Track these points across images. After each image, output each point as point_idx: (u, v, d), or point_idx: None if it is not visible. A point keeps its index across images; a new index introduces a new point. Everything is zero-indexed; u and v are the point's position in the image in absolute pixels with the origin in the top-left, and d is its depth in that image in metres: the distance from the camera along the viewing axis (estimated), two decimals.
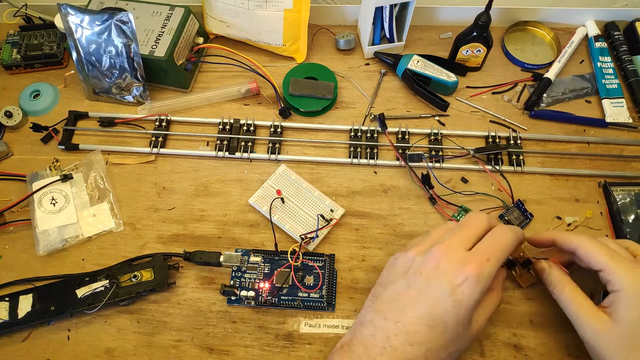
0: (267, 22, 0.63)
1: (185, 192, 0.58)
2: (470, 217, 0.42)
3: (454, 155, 0.58)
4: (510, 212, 0.54)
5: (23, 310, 0.49)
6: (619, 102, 0.61)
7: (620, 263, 0.39)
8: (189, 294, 0.51)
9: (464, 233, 0.40)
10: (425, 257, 0.39)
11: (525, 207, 0.54)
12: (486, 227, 0.41)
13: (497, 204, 0.55)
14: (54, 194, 0.56)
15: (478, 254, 0.38)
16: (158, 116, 0.62)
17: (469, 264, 0.37)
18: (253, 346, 0.48)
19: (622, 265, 0.39)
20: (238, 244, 0.54)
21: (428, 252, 0.40)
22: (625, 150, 0.59)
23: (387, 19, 0.63)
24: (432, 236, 0.42)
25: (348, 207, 0.56)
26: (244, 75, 0.66)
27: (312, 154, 0.60)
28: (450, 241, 0.40)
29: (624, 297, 0.38)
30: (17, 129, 0.63)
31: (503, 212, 0.54)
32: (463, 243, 0.39)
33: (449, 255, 0.38)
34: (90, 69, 0.61)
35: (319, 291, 0.50)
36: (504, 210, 0.54)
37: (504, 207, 0.55)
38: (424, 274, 0.39)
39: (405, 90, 0.65)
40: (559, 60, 0.64)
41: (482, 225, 0.41)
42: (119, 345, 0.49)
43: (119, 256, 0.53)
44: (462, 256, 0.38)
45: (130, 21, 0.57)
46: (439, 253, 0.39)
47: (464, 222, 0.42)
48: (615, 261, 0.39)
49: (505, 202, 0.55)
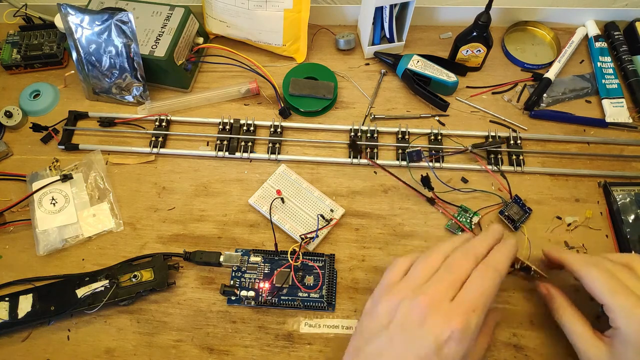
0: (267, 22, 0.63)
1: (185, 192, 0.58)
2: (457, 259, 0.39)
3: (453, 152, 0.58)
4: (509, 207, 0.54)
5: (23, 310, 0.49)
6: (619, 102, 0.61)
7: (625, 301, 0.38)
8: (189, 294, 0.51)
9: (450, 280, 0.37)
10: (409, 308, 0.37)
11: (524, 202, 0.54)
12: (472, 268, 0.39)
13: (496, 201, 0.55)
14: (54, 194, 0.56)
15: (464, 305, 0.36)
16: (158, 116, 0.62)
17: (455, 318, 0.35)
18: (253, 346, 0.48)
19: (625, 304, 0.37)
20: (238, 244, 0.54)
21: (412, 302, 0.37)
22: (625, 150, 0.59)
23: (387, 19, 0.63)
24: (415, 275, 0.39)
25: (348, 207, 0.56)
26: (244, 75, 0.66)
27: (312, 154, 0.60)
28: (435, 290, 0.37)
29: (622, 337, 0.37)
30: (17, 129, 0.63)
31: (502, 208, 0.54)
32: (450, 292, 0.37)
33: (434, 308, 0.36)
34: (90, 69, 0.61)
35: (319, 291, 0.50)
36: (503, 207, 0.54)
37: (503, 203, 0.55)
38: (408, 329, 0.36)
39: (405, 90, 0.65)
40: (559, 60, 0.64)
41: (468, 269, 0.38)
42: (119, 345, 0.49)
43: (119, 256, 0.53)
44: (448, 308, 0.36)
45: (130, 21, 0.57)
46: (424, 305, 0.36)
47: (451, 265, 0.39)
48: (618, 299, 0.38)
49: (504, 198, 0.55)
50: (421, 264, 0.40)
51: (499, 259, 0.40)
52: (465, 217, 0.54)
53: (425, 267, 0.39)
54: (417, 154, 0.57)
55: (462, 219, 0.54)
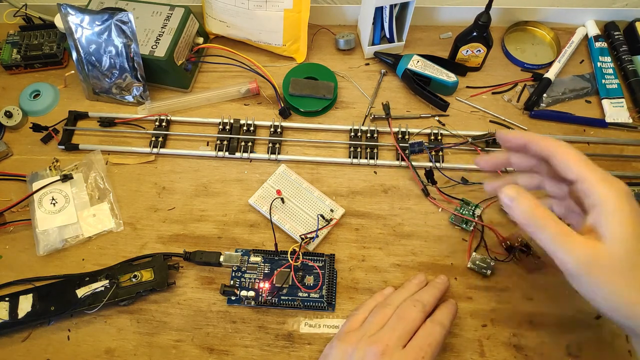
0: (267, 22, 0.63)
1: (185, 192, 0.58)
2: (408, 309, 0.43)
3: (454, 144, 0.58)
4: None
5: (23, 310, 0.49)
6: (619, 102, 0.61)
7: (600, 173, 0.34)
8: (189, 294, 0.51)
9: (401, 329, 0.41)
10: (364, 354, 0.40)
11: None
12: (421, 319, 0.42)
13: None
14: (54, 194, 0.56)
15: (414, 352, 0.40)
16: (158, 116, 0.62)
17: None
18: (253, 346, 0.48)
19: (601, 175, 0.34)
20: (238, 244, 0.54)
21: (367, 349, 0.40)
22: (625, 150, 0.59)
23: (387, 19, 0.63)
24: (371, 323, 0.43)
25: (348, 207, 0.56)
26: (244, 75, 0.66)
27: (312, 154, 0.60)
28: (389, 338, 0.40)
29: (609, 211, 0.33)
30: (17, 129, 0.63)
31: None
32: (401, 340, 0.40)
33: (387, 355, 0.39)
34: (90, 69, 0.61)
35: (319, 291, 0.50)
36: None
37: None
38: None
39: (405, 90, 0.65)
40: (559, 60, 0.64)
41: (417, 320, 0.42)
42: (119, 345, 0.49)
43: (119, 256, 0.53)
44: (399, 355, 0.39)
45: (130, 21, 0.57)
46: (378, 352, 0.39)
47: (402, 315, 0.42)
48: (593, 171, 0.34)
49: None
50: (376, 314, 0.43)
51: (445, 315, 0.44)
52: (467, 210, 0.54)
53: (379, 316, 0.43)
54: (419, 144, 0.57)
55: (464, 212, 0.54)
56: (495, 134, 0.43)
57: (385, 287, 0.49)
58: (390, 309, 0.44)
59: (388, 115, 0.61)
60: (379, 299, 0.47)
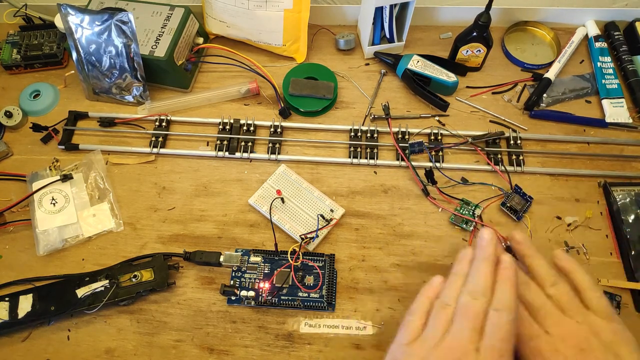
0: (267, 22, 0.63)
1: (185, 192, 0.58)
2: (468, 304, 0.37)
3: (454, 144, 0.58)
4: (511, 198, 0.54)
5: (23, 310, 0.49)
6: (619, 102, 0.61)
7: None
8: (189, 294, 0.51)
9: (469, 329, 0.35)
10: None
11: (524, 191, 0.55)
12: (485, 309, 0.37)
13: (497, 192, 0.56)
14: (54, 194, 0.56)
15: (491, 354, 0.34)
16: (158, 116, 0.62)
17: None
18: (253, 346, 0.48)
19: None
20: (238, 244, 0.54)
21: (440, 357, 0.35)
22: (625, 150, 0.59)
23: (387, 19, 0.63)
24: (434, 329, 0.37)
25: (348, 207, 0.56)
26: (244, 75, 0.66)
27: (312, 154, 0.60)
28: (459, 343, 0.35)
29: None
30: (17, 129, 0.63)
31: (504, 199, 0.55)
32: (472, 343, 0.35)
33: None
34: (90, 69, 0.61)
35: (319, 291, 0.50)
36: (504, 198, 0.55)
37: (504, 195, 0.55)
38: None
39: (405, 90, 0.65)
40: (559, 60, 0.64)
41: (482, 311, 0.37)
42: (119, 345, 0.49)
43: (119, 256, 0.53)
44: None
45: (130, 21, 0.57)
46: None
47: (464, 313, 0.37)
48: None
49: (504, 190, 0.56)
50: (437, 318, 0.38)
51: (506, 295, 0.38)
52: (467, 210, 0.54)
53: (441, 320, 0.37)
54: (419, 145, 0.58)
55: (464, 212, 0.54)
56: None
57: (433, 278, 0.42)
58: (450, 309, 0.38)
59: (388, 115, 0.61)
60: (430, 295, 0.41)
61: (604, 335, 0.37)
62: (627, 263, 0.51)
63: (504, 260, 0.39)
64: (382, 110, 0.61)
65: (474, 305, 0.37)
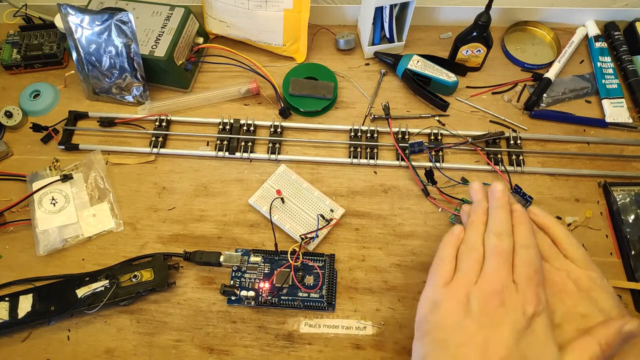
0: (267, 22, 0.63)
1: (185, 192, 0.58)
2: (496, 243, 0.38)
3: (454, 144, 0.58)
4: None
5: (23, 310, 0.49)
6: (619, 102, 0.61)
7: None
8: (189, 294, 0.51)
9: (503, 263, 0.37)
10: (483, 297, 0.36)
11: (524, 191, 0.55)
12: (511, 245, 0.39)
13: None
14: (54, 194, 0.56)
15: (529, 282, 0.36)
16: (158, 116, 0.62)
17: (529, 294, 0.35)
18: (253, 346, 0.48)
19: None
20: (238, 244, 0.54)
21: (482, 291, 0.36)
22: (625, 150, 0.59)
23: (387, 19, 0.63)
24: (468, 267, 0.38)
25: (348, 207, 0.56)
26: (244, 75, 0.66)
27: (312, 154, 0.60)
28: (498, 276, 0.36)
29: None
30: (17, 129, 0.63)
31: None
32: (509, 275, 0.36)
33: (507, 291, 0.36)
34: (90, 69, 0.61)
35: (319, 291, 0.50)
36: None
37: None
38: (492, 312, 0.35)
39: (405, 90, 0.65)
40: (559, 60, 0.64)
41: (510, 248, 0.38)
42: (119, 345, 0.49)
43: (119, 256, 0.53)
44: (518, 289, 0.36)
45: (130, 21, 0.57)
46: (496, 291, 0.36)
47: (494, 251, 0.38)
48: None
49: None
50: (467, 260, 0.39)
51: (527, 235, 0.39)
52: None
53: (472, 261, 0.38)
54: (419, 145, 0.58)
55: None
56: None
57: (453, 227, 0.42)
58: (478, 251, 0.39)
59: (388, 115, 0.61)
60: (454, 243, 0.41)
61: (581, 281, 0.39)
62: (627, 263, 0.51)
63: (516, 209, 0.41)
64: (382, 110, 0.61)
65: (503, 245, 0.38)
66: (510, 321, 0.34)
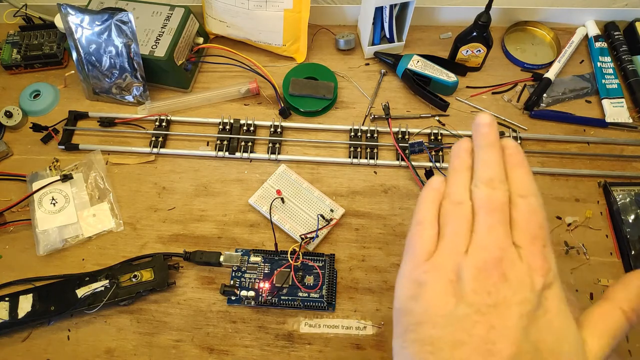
0: (267, 22, 0.63)
1: (185, 192, 0.58)
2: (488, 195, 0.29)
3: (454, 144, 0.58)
4: None
5: (23, 310, 0.49)
6: (619, 102, 0.61)
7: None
8: (189, 294, 0.51)
9: (499, 221, 0.28)
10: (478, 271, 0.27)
11: None
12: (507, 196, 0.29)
13: None
14: (54, 194, 0.56)
15: (533, 244, 0.27)
16: (158, 116, 0.62)
17: (535, 261, 0.27)
18: (253, 346, 0.48)
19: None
20: (238, 244, 0.54)
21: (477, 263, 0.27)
22: (625, 150, 0.59)
23: (387, 19, 0.63)
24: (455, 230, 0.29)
25: (348, 207, 0.56)
26: (244, 75, 0.66)
27: (312, 154, 0.60)
28: (494, 240, 0.27)
29: None
30: (17, 129, 0.63)
31: None
32: (508, 237, 0.28)
33: (507, 260, 0.27)
34: (90, 69, 0.61)
35: (319, 291, 0.50)
36: None
37: None
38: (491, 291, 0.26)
39: (405, 90, 0.65)
40: (559, 60, 0.64)
41: (506, 199, 0.29)
42: (119, 345, 0.49)
43: (119, 256, 0.53)
44: (520, 255, 0.27)
45: (130, 21, 0.57)
46: (494, 261, 0.27)
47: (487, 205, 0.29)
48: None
49: None
50: (453, 220, 0.30)
51: (527, 181, 0.30)
52: None
53: (459, 220, 0.29)
54: (419, 145, 0.58)
55: None
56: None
57: (430, 179, 0.32)
58: (466, 207, 0.29)
59: (388, 115, 0.61)
60: (434, 198, 0.31)
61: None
62: (627, 263, 0.51)
63: (509, 145, 0.31)
64: (382, 110, 0.61)
65: (497, 195, 0.29)
66: (517, 302, 0.26)
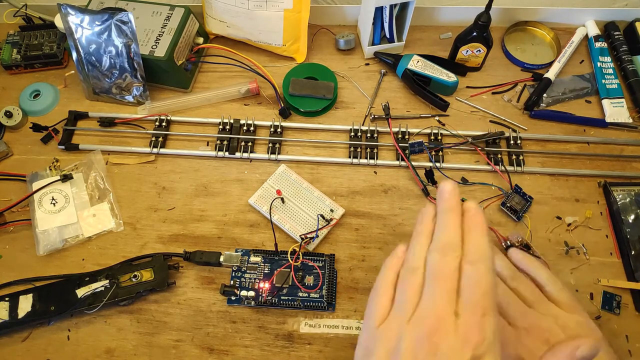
0: (267, 22, 0.63)
1: (185, 192, 0.58)
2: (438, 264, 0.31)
3: (454, 144, 0.58)
4: (511, 198, 0.54)
5: (23, 310, 0.49)
6: (619, 102, 0.61)
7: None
8: (189, 294, 0.51)
9: (444, 291, 0.29)
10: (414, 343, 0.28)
11: (524, 191, 0.55)
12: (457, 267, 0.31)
13: (497, 192, 0.56)
14: (54, 194, 0.56)
15: (471, 314, 0.29)
16: (158, 116, 0.62)
17: (469, 332, 0.28)
18: (253, 346, 0.48)
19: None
20: (238, 244, 0.54)
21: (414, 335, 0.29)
22: (625, 150, 0.59)
23: (387, 19, 0.63)
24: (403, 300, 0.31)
25: (348, 207, 0.56)
26: (244, 75, 0.66)
27: (312, 154, 0.60)
28: (433, 311, 0.29)
29: None
30: (17, 129, 0.63)
31: (504, 199, 0.55)
32: (450, 306, 0.29)
33: (442, 331, 0.28)
34: (90, 69, 0.61)
35: (319, 291, 0.50)
36: (504, 198, 0.55)
37: (504, 195, 0.55)
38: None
39: (405, 90, 0.65)
40: (559, 60, 0.64)
41: (455, 270, 0.31)
42: (119, 345, 0.49)
43: (119, 256, 0.53)
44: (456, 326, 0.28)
45: (130, 21, 0.57)
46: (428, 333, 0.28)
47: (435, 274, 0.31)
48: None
49: (504, 190, 0.56)
50: (405, 287, 0.32)
51: (479, 245, 0.31)
52: None
53: (410, 288, 0.31)
54: (419, 145, 0.58)
55: None
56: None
57: (396, 247, 0.35)
58: (418, 274, 0.31)
59: (388, 115, 0.61)
60: (394, 265, 0.34)
61: (568, 327, 0.36)
62: (627, 263, 0.51)
63: (469, 208, 0.33)
64: (382, 110, 0.61)
65: (445, 263, 0.31)
66: None
